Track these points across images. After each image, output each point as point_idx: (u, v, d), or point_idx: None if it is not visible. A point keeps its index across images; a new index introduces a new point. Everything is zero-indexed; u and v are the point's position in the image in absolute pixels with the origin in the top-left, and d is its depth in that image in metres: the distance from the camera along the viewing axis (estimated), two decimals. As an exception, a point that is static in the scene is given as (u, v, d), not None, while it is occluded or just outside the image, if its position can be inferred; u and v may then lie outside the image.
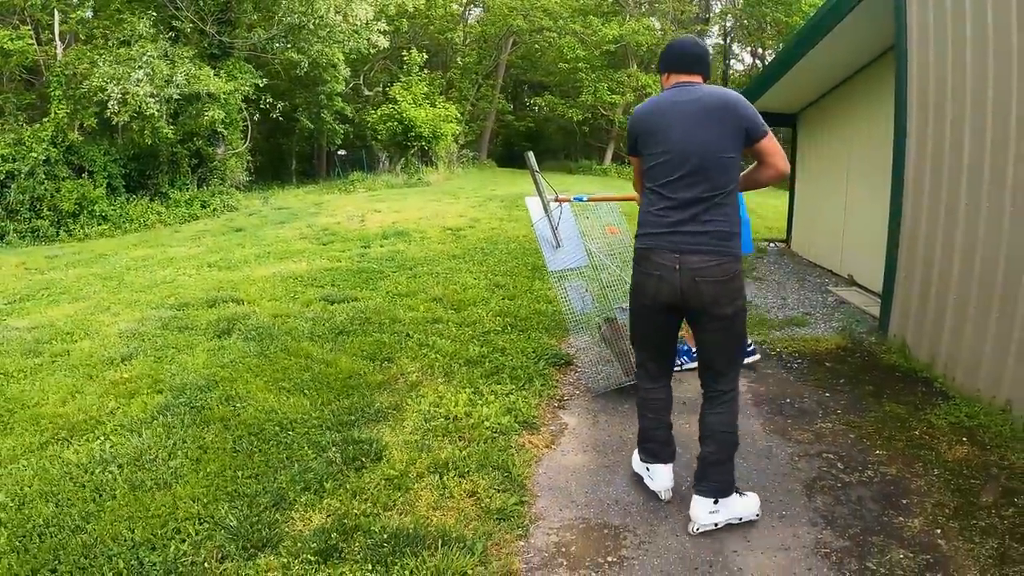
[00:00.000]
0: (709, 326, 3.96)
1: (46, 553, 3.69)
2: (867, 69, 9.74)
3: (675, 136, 3.84)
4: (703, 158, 3.80)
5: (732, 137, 3.83)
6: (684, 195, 3.83)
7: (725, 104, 3.85)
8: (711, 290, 3.83)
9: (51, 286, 10.96)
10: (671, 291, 3.89)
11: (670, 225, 3.87)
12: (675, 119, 3.87)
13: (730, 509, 4.01)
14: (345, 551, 3.70)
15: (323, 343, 7.19)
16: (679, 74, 4.05)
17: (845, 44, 8.80)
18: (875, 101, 9.24)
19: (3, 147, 18.96)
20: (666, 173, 3.88)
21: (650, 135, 3.96)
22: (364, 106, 37.71)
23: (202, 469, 4.57)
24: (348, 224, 16.43)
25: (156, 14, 21.89)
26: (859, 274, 9.82)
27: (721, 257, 3.82)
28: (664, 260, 3.87)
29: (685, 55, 4.08)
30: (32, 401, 5.86)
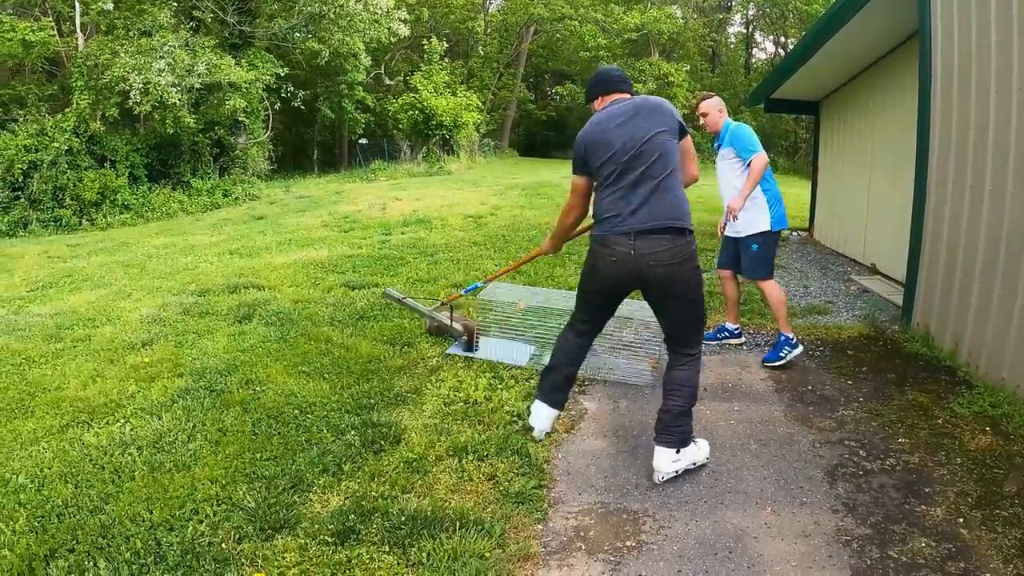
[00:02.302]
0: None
1: (64, 533, 3.70)
2: (889, 56, 9.66)
3: (615, 142, 4.26)
4: (647, 145, 4.23)
5: (670, 127, 4.32)
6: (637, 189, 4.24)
7: (661, 103, 4.43)
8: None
9: (73, 273, 11.02)
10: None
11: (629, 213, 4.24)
12: (617, 123, 4.31)
13: (688, 456, 4.39)
14: (363, 533, 3.69)
15: (343, 328, 7.21)
16: (610, 95, 4.56)
17: (866, 31, 8.75)
18: (898, 88, 9.17)
19: (26, 137, 19.18)
20: (613, 171, 4.28)
21: (594, 147, 4.34)
22: (385, 95, 37.76)
23: (221, 451, 4.58)
24: (369, 212, 16.47)
25: (177, 4, 21.99)
26: (882, 262, 9.74)
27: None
28: (618, 244, 4.21)
29: (614, 78, 4.63)
30: (53, 385, 5.88)
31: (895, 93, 9.31)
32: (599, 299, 4.54)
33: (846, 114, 11.55)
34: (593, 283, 4.44)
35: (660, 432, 4.35)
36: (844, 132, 11.70)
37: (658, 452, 4.33)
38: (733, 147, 6.24)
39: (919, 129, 6.83)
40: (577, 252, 10.49)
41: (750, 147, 6.08)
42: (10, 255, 14.05)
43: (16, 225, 18.56)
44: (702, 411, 5.27)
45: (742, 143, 6.13)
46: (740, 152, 6.16)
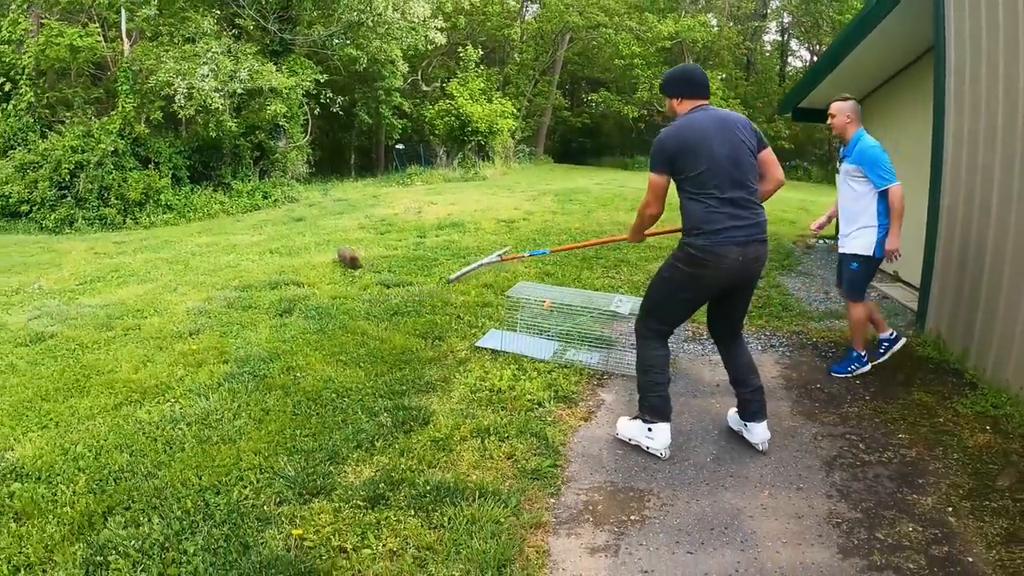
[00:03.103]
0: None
1: (121, 494, 4.14)
2: (911, 67, 9.81)
3: (716, 150, 4.39)
4: (749, 160, 4.52)
5: (756, 143, 4.60)
6: (734, 195, 4.43)
7: (746, 119, 4.69)
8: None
9: (120, 269, 11.42)
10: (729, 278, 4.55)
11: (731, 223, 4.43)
12: (716, 133, 4.46)
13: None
14: (391, 499, 4.08)
15: (378, 322, 7.54)
16: (696, 99, 4.67)
17: (887, 44, 8.92)
18: (918, 99, 9.28)
19: (73, 139, 19.74)
20: (714, 181, 4.40)
21: (690, 152, 4.42)
22: (422, 101, 37.94)
23: (264, 428, 4.99)
24: (405, 215, 16.71)
25: (220, 12, 22.50)
26: (904, 270, 9.84)
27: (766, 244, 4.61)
28: (735, 256, 4.42)
29: (703, 83, 4.72)
30: (107, 368, 6.30)
31: (915, 105, 9.42)
32: (691, 306, 4.80)
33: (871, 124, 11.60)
34: (692, 290, 4.62)
35: (752, 412, 4.84)
36: None
37: (758, 427, 4.84)
38: (862, 167, 5.99)
39: (933, 141, 6.98)
40: (604, 256, 10.78)
41: (886, 175, 5.90)
42: (58, 251, 14.48)
43: (63, 222, 19.08)
44: (713, 404, 5.62)
45: (878, 168, 5.91)
46: (873, 177, 5.93)
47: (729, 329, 4.93)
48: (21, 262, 12.98)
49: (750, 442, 4.89)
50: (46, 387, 5.89)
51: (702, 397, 5.74)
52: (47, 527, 3.83)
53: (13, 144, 20.43)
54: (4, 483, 4.30)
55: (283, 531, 3.79)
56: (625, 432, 4.93)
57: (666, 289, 4.70)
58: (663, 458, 4.72)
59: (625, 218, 15.44)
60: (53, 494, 4.17)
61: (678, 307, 4.76)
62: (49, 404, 5.54)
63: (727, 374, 5.01)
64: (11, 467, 4.49)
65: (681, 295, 4.66)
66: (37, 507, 4.02)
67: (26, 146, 20.26)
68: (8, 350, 7.00)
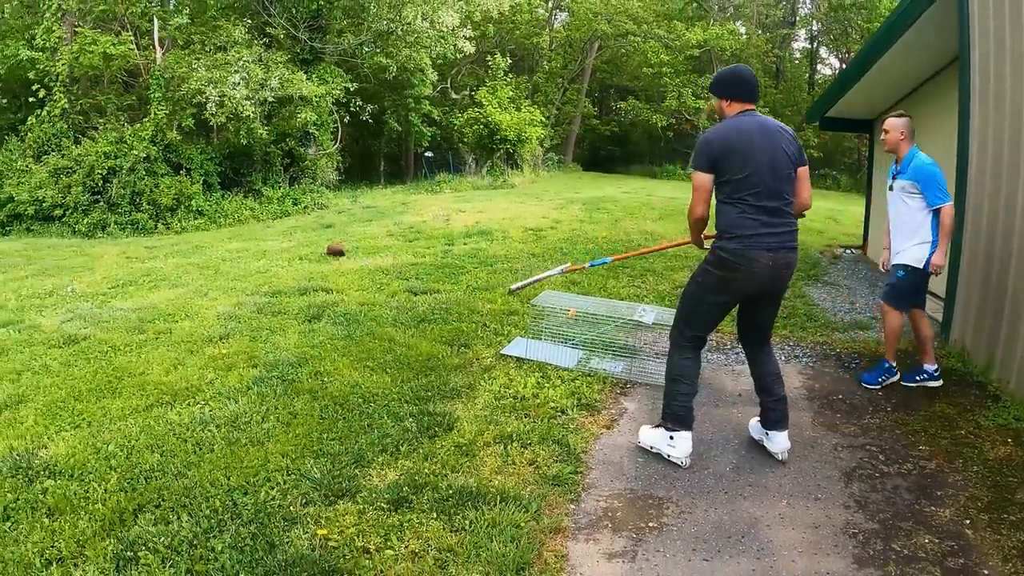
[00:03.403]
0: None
1: (151, 492, 4.27)
2: (938, 76, 9.79)
3: (758, 157, 4.44)
4: (789, 171, 4.59)
5: (795, 158, 4.64)
6: (767, 205, 4.50)
7: (790, 131, 4.71)
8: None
9: (151, 273, 11.59)
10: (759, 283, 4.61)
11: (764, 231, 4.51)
12: (761, 140, 4.52)
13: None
14: (414, 502, 4.18)
15: (405, 329, 7.63)
16: (746, 104, 4.70)
17: (914, 53, 8.92)
18: (946, 108, 9.26)
19: (106, 144, 20.09)
20: (752, 187, 4.46)
21: (734, 154, 4.47)
22: (451, 109, 38.06)
23: (291, 431, 5.10)
24: (433, 223, 16.81)
25: (251, 21, 22.76)
26: (932, 281, 9.68)
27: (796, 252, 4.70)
28: (766, 261, 4.49)
29: (755, 88, 4.75)
30: (138, 370, 6.44)
31: (942, 114, 9.36)
32: (724, 309, 4.86)
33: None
34: (723, 294, 4.69)
35: (774, 421, 4.89)
36: None
37: (779, 436, 4.88)
38: (918, 184, 5.94)
39: (958, 151, 6.96)
40: (630, 266, 10.82)
41: (941, 194, 5.86)
42: (90, 255, 14.74)
43: (95, 227, 19.37)
44: (735, 413, 5.66)
45: (934, 186, 5.86)
46: (929, 195, 5.89)
47: (758, 337, 4.98)
48: (54, 265, 13.21)
49: (770, 451, 4.93)
50: (79, 388, 6.03)
51: (724, 407, 5.78)
52: (79, 523, 3.95)
53: (47, 149, 20.76)
54: (38, 480, 4.44)
55: (308, 531, 3.89)
56: (647, 440, 4.98)
57: (699, 293, 4.76)
58: (683, 467, 4.77)
59: (653, 227, 15.47)
60: (85, 491, 4.30)
61: (710, 311, 4.81)
62: (82, 404, 5.68)
63: (752, 382, 5.05)
64: (45, 464, 4.63)
65: (713, 299, 4.72)
66: (69, 503, 4.15)
67: (60, 151, 20.58)
68: (42, 351, 7.17)
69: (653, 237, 14.07)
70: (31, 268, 12.91)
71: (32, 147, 20.80)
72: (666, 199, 22.13)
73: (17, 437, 5.08)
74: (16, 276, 11.97)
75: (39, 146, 20.83)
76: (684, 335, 4.86)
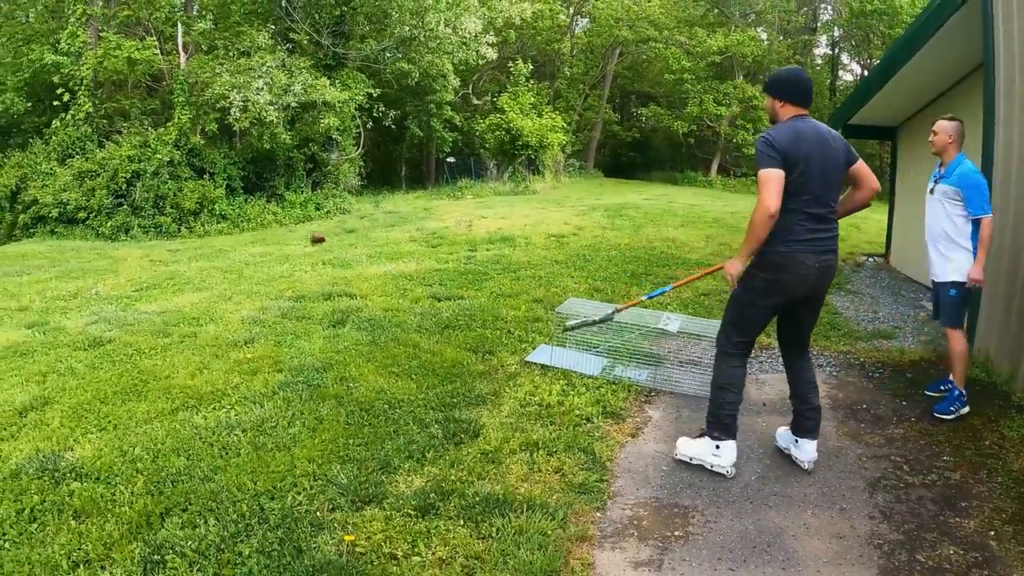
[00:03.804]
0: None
1: (178, 496, 4.31)
2: (964, 82, 9.72)
3: (814, 165, 4.46)
4: (838, 180, 4.63)
5: (843, 163, 4.66)
6: (815, 212, 4.54)
7: (834, 136, 4.66)
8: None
9: (175, 277, 11.68)
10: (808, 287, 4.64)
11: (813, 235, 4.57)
12: (818, 146, 4.52)
13: None
14: (441, 509, 4.19)
15: (430, 335, 7.65)
16: (801, 108, 4.69)
17: (938, 60, 8.86)
18: (970, 115, 9.20)
19: (130, 148, 20.27)
20: (805, 194, 4.47)
21: (795, 161, 4.44)
22: (473, 115, 38.12)
23: (317, 436, 5.12)
24: (456, 229, 16.87)
25: (274, 27, 22.91)
26: None
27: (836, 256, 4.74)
28: (812, 264, 4.54)
29: (808, 92, 4.73)
30: (164, 374, 6.49)
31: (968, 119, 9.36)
32: (770, 313, 4.85)
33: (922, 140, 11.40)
34: (770, 297, 4.67)
35: (806, 430, 4.90)
36: (920, 158, 11.42)
37: (809, 445, 4.90)
38: (961, 191, 5.72)
39: (983, 157, 6.89)
40: (653, 274, 10.83)
41: (984, 204, 5.65)
42: (114, 258, 14.88)
43: (118, 230, 19.52)
44: (759, 423, 5.64)
45: (978, 196, 5.66)
46: (971, 204, 5.68)
47: (798, 343, 4.99)
48: (78, 267, 13.34)
49: (796, 459, 4.92)
50: (104, 390, 6.08)
51: (748, 416, 5.73)
52: (106, 525, 3.99)
53: (71, 153, 20.96)
54: (64, 482, 4.49)
55: (336, 537, 3.91)
56: (687, 451, 4.96)
57: (747, 297, 4.76)
58: (728, 476, 4.77)
59: (675, 234, 15.47)
60: (112, 494, 4.34)
61: (758, 315, 4.80)
62: (107, 407, 5.74)
63: (778, 390, 5.05)
64: (71, 466, 4.68)
65: (761, 303, 4.72)
66: (96, 506, 4.19)
67: (84, 155, 20.79)
68: (67, 353, 7.24)
69: (676, 244, 14.07)
70: (55, 270, 13.04)
71: (56, 150, 21.00)
72: (688, 206, 22.12)
73: (43, 439, 5.14)
74: (40, 278, 12.10)
75: (63, 149, 21.03)
76: (731, 340, 4.86)
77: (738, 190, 37.21)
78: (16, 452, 4.94)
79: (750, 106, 39.38)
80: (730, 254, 12.69)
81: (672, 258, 12.49)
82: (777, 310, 4.85)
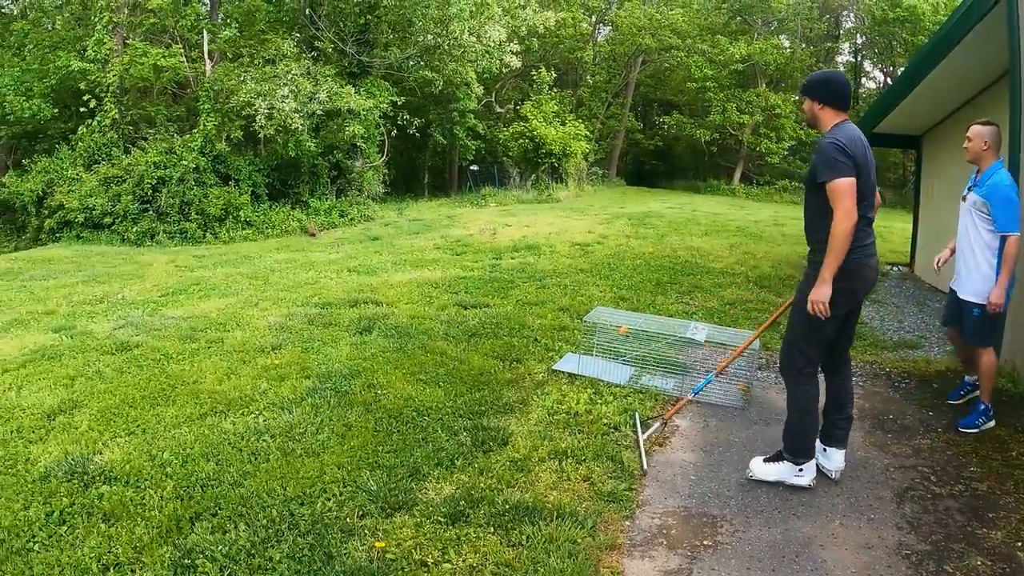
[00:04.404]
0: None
1: (208, 501, 4.35)
2: (989, 90, 9.63)
3: (867, 170, 4.44)
4: (871, 188, 4.53)
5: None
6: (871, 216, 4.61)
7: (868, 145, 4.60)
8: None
9: (201, 282, 11.75)
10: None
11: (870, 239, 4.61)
12: (866, 152, 4.47)
13: None
14: (471, 517, 4.21)
15: (457, 343, 7.68)
16: (844, 113, 4.63)
17: (963, 67, 8.75)
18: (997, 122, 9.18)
19: (155, 155, 20.39)
20: (863, 199, 4.42)
21: (859, 167, 4.38)
22: (496, 123, 38.18)
23: (346, 443, 5.15)
24: (480, 236, 16.92)
25: (299, 35, 23.04)
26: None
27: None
28: (873, 265, 4.63)
29: (849, 95, 4.68)
30: (191, 379, 6.55)
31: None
32: (842, 323, 4.75)
33: (946, 148, 11.45)
34: (841, 306, 4.54)
35: (837, 439, 4.90)
36: (944, 166, 11.58)
37: (838, 455, 4.90)
38: (990, 203, 5.51)
39: (1009, 164, 6.77)
40: (678, 282, 10.83)
41: (1011, 221, 5.41)
42: (140, 263, 14.96)
43: (144, 235, 19.61)
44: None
45: (1006, 210, 5.44)
46: (998, 218, 5.46)
47: (845, 348, 4.97)
48: (104, 272, 13.43)
49: (824, 468, 4.89)
50: (132, 395, 6.14)
51: (775, 425, 5.67)
52: (136, 529, 4.03)
53: (98, 159, 21.08)
54: (93, 485, 4.54)
55: (366, 543, 3.93)
56: (765, 474, 4.85)
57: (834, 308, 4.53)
58: (811, 488, 4.75)
59: (699, 243, 15.47)
60: (141, 498, 4.38)
61: (830, 326, 4.63)
62: (136, 411, 5.79)
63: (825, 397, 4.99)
64: (100, 470, 4.73)
65: (835, 314, 4.54)
66: (126, 509, 4.24)
67: (110, 161, 20.89)
68: (95, 357, 7.31)
69: (700, 253, 14.05)
70: (81, 275, 13.14)
71: (82, 156, 21.13)
72: (711, 214, 22.10)
73: (72, 442, 5.20)
74: (67, 282, 12.21)
75: (89, 155, 21.17)
76: (806, 356, 4.72)
77: (761, 199, 37.12)
78: (45, 455, 5.00)
79: (773, 114, 39.30)
80: (754, 263, 12.70)
81: (696, 267, 12.48)
82: (846, 316, 4.78)
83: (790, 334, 4.81)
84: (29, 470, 4.78)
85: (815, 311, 4.42)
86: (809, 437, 4.74)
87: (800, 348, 4.71)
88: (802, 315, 4.61)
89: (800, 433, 4.74)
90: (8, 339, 8.16)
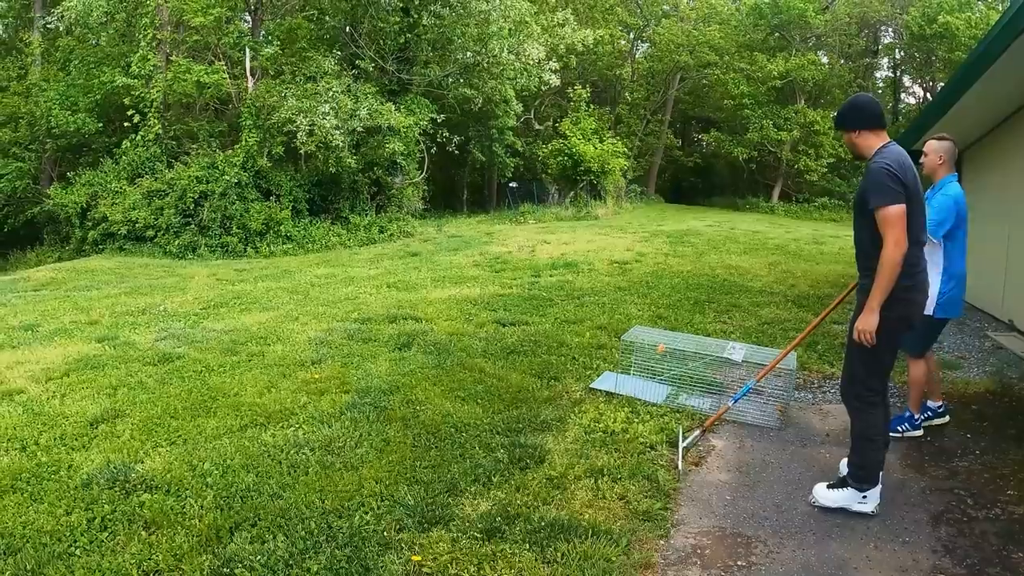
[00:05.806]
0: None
1: (247, 511, 4.42)
2: None
3: (917, 191, 4.39)
4: (922, 209, 4.50)
5: None
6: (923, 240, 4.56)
7: None
8: None
9: (242, 296, 11.92)
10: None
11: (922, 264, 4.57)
12: (913, 173, 4.39)
13: None
14: (507, 533, 4.23)
15: (495, 360, 7.72)
16: (881, 131, 4.58)
17: (1001, 86, 8.70)
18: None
19: (198, 169, 20.84)
20: (914, 222, 4.37)
21: (909, 191, 4.31)
22: (535, 140, 38.32)
23: (384, 458, 5.21)
24: (519, 254, 17.00)
25: (340, 53, 23.32)
26: (1020, 319, 9.55)
27: None
28: (925, 290, 4.64)
29: (880, 112, 4.62)
30: (232, 391, 6.65)
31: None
32: (897, 348, 4.74)
33: (985, 166, 11.43)
34: (900, 333, 4.59)
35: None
36: (983, 184, 11.42)
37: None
38: (931, 208, 5.50)
39: None
40: (716, 301, 10.81)
41: (934, 227, 5.51)
42: (181, 275, 15.22)
43: (186, 248, 20.02)
44: (823, 453, 5.60)
45: (937, 215, 5.54)
46: (929, 224, 5.33)
47: (890, 372, 4.89)
48: (147, 284, 13.67)
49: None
50: (174, 406, 6.25)
51: (812, 446, 5.72)
52: (176, 537, 4.11)
53: (141, 172, 21.51)
54: (135, 493, 4.64)
55: (402, 556, 3.97)
56: (830, 501, 4.79)
57: (882, 339, 4.43)
58: (874, 515, 4.70)
59: (737, 261, 15.44)
60: (182, 507, 4.47)
61: (890, 354, 4.66)
62: (177, 422, 5.89)
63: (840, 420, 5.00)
64: (141, 478, 4.83)
65: (894, 342, 4.59)
66: (167, 518, 4.32)
67: (153, 175, 21.30)
68: (137, 368, 7.45)
69: (738, 271, 14.02)
70: (124, 286, 13.40)
71: (126, 170, 21.57)
72: (749, 232, 22.04)
73: (114, 450, 5.30)
74: (110, 293, 12.45)
75: (133, 169, 21.60)
76: (869, 387, 4.67)
77: (800, 216, 36.91)
78: (88, 462, 5.11)
79: (811, 131, 39.13)
80: (793, 282, 12.65)
81: (735, 286, 12.44)
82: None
83: (849, 367, 4.77)
84: (72, 476, 4.89)
85: (861, 340, 4.40)
86: (875, 464, 4.69)
87: (860, 379, 4.68)
88: (864, 353, 4.55)
89: (864, 461, 4.70)
90: (52, 348, 8.32)
